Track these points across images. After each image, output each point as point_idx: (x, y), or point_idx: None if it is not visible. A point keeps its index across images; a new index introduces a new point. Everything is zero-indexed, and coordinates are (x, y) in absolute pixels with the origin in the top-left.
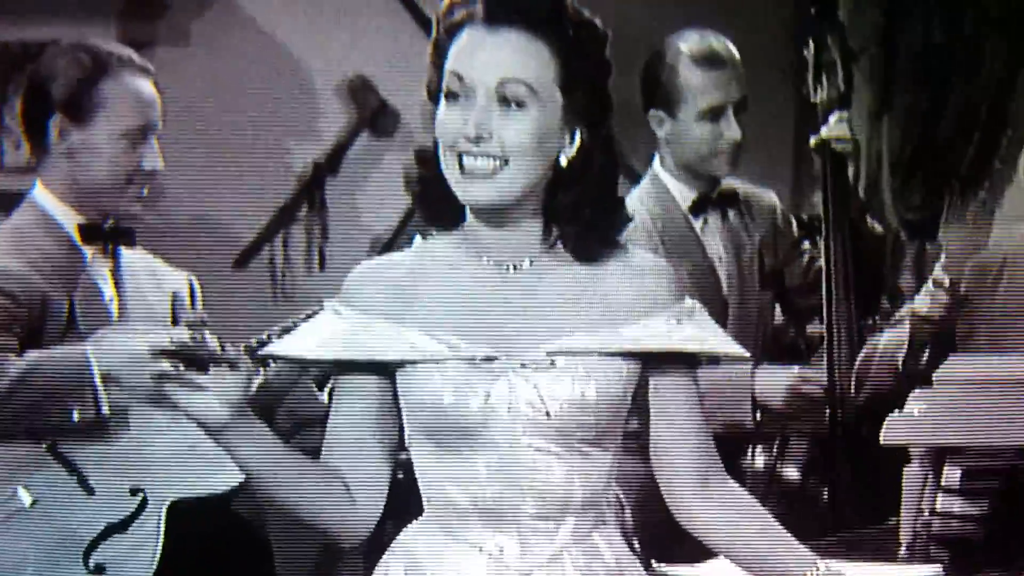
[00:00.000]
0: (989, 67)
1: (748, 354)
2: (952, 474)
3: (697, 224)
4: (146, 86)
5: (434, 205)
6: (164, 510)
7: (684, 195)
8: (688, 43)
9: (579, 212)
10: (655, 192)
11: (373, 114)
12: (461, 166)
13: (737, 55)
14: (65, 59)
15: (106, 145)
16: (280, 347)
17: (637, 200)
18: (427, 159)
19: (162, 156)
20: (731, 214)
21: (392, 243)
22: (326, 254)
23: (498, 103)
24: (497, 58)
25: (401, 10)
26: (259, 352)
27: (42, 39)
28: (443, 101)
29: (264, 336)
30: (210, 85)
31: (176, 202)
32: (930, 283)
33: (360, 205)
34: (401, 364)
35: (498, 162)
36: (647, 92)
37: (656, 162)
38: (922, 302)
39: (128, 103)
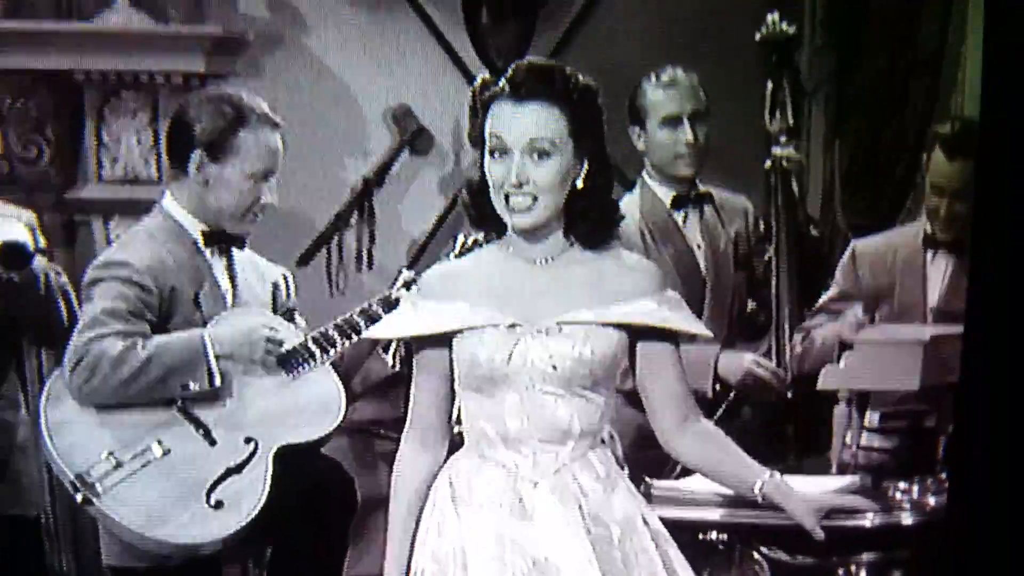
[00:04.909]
0: (913, 102)
1: (712, 335)
2: (873, 417)
3: (679, 217)
4: (274, 138)
5: (485, 221)
6: (271, 455)
7: (665, 194)
8: (656, 73)
9: (588, 215)
10: (643, 194)
11: (412, 137)
12: (507, 203)
13: (693, 80)
14: (211, 107)
15: (235, 182)
16: (381, 331)
17: (631, 201)
18: (476, 188)
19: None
20: (707, 211)
21: (427, 245)
22: (374, 255)
23: (531, 156)
24: (525, 124)
25: (439, 51)
26: (364, 335)
27: (138, 70)
28: (489, 156)
29: (347, 315)
30: (279, 110)
31: None
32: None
33: (401, 213)
34: (455, 333)
35: (532, 199)
36: (629, 113)
37: (644, 172)
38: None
39: (258, 152)
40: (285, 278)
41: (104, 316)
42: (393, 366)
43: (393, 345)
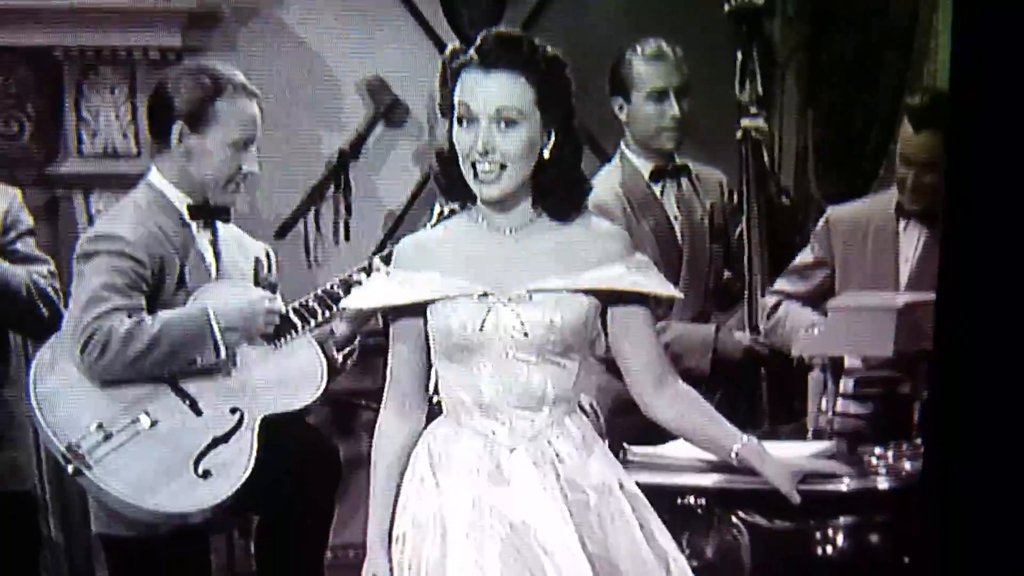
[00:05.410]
0: (886, 72)
1: (681, 295)
2: (847, 383)
3: (657, 189)
4: (252, 107)
5: (455, 190)
6: (257, 425)
7: (644, 166)
8: (641, 45)
9: (556, 187)
10: (622, 166)
11: (387, 108)
12: (475, 172)
13: (678, 53)
14: (190, 79)
15: (216, 151)
16: (356, 300)
17: (610, 173)
18: (445, 158)
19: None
20: (684, 183)
21: (403, 216)
22: (350, 227)
23: (497, 124)
24: (493, 92)
25: (412, 23)
26: (339, 306)
27: (116, 46)
28: (456, 124)
29: (327, 285)
30: (254, 83)
31: None
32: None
33: (377, 185)
34: (429, 302)
35: (499, 168)
36: (611, 84)
37: (623, 143)
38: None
39: (236, 120)
40: (267, 254)
41: (104, 291)
42: (342, 365)
43: (347, 347)
